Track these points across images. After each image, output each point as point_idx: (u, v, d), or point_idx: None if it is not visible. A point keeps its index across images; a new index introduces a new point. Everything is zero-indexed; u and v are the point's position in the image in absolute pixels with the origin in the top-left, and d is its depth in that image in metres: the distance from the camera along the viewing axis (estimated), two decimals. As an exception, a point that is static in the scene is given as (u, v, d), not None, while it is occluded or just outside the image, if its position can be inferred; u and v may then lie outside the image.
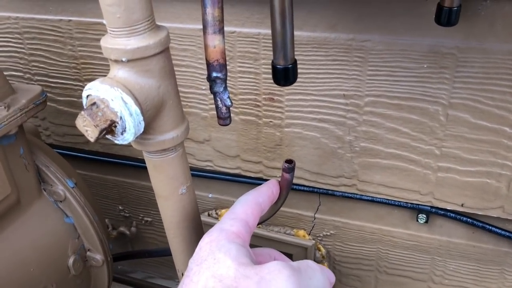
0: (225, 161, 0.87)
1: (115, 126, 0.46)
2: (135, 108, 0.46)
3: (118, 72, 0.47)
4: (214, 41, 0.51)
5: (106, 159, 0.98)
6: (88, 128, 0.46)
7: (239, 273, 0.43)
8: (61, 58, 0.88)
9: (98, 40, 0.83)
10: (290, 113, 0.78)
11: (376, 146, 0.75)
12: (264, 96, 0.78)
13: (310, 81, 0.73)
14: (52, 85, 0.92)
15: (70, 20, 0.83)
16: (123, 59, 0.46)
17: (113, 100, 0.45)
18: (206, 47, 0.52)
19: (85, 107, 0.47)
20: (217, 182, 0.92)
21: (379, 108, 0.72)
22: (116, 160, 0.97)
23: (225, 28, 0.53)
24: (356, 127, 0.74)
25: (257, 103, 0.78)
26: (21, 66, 0.92)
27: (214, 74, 0.53)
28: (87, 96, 0.47)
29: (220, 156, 0.87)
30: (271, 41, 0.53)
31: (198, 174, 0.91)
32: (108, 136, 0.48)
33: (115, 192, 1.05)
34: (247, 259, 0.45)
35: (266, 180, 0.86)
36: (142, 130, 0.48)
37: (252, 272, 0.43)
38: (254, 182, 0.86)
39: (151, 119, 0.49)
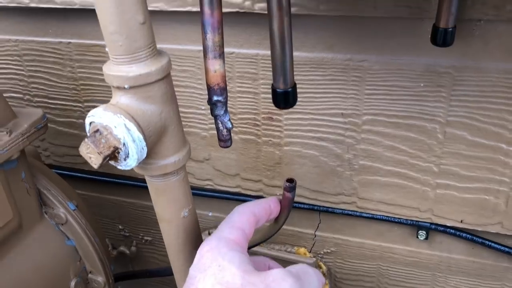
0: (225, 179, 0.88)
1: (118, 153, 0.47)
2: (138, 135, 0.46)
3: (120, 98, 0.48)
4: (215, 65, 0.52)
5: (106, 179, 0.98)
6: (91, 155, 0.46)
7: (245, 280, 0.44)
8: (60, 80, 0.88)
9: (98, 61, 0.84)
10: (289, 132, 0.78)
11: (375, 163, 0.75)
12: (263, 116, 0.78)
13: (309, 100, 0.74)
14: (52, 106, 0.92)
15: (69, 43, 0.84)
16: (126, 86, 0.47)
17: (116, 127, 0.46)
18: (206, 71, 0.52)
19: (88, 134, 0.48)
20: (217, 201, 0.92)
21: (377, 126, 0.72)
22: (116, 180, 0.97)
23: (224, 49, 0.53)
24: (355, 145, 0.75)
25: (256, 122, 0.79)
26: (20, 87, 0.92)
27: (215, 98, 0.54)
28: (90, 123, 0.48)
29: (220, 175, 0.87)
30: (269, 61, 0.54)
31: (198, 193, 0.91)
32: (111, 162, 0.48)
33: (115, 211, 1.05)
34: (250, 266, 0.46)
35: (266, 198, 0.86)
36: (145, 155, 0.49)
37: (257, 279, 0.44)
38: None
39: (153, 144, 0.50)
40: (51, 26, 0.84)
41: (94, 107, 0.91)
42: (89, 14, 0.78)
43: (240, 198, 0.89)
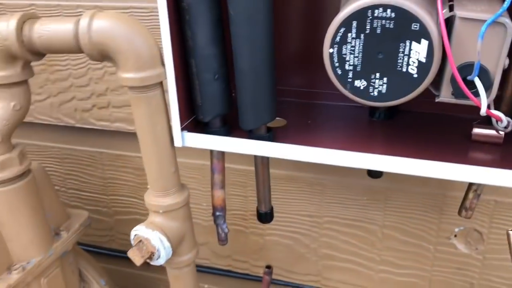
0: (220, 259, 1.11)
1: (153, 255, 0.71)
2: (167, 244, 0.71)
3: (156, 218, 0.72)
4: (218, 193, 0.77)
5: (124, 255, 1.21)
6: (136, 257, 0.70)
7: None
8: (91, 178, 1.13)
9: (124, 167, 1.10)
10: (270, 225, 1.03)
11: (334, 252, 1.00)
12: (250, 213, 1.03)
13: (284, 204, 0.99)
14: (82, 197, 1.16)
15: (102, 152, 1.09)
16: (160, 211, 0.71)
17: (153, 239, 0.70)
18: (213, 196, 0.77)
19: (132, 242, 0.72)
20: (213, 276, 1.15)
21: (334, 225, 0.97)
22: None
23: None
24: (319, 238, 1.00)
25: (245, 218, 1.04)
26: (58, 181, 1.17)
27: (217, 213, 0.79)
28: (135, 235, 0.72)
29: (215, 255, 1.11)
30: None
31: (197, 269, 1.13)
32: (147, 260, 0.72)
33: (132, 282, 1.27)
34: None
35: (252, 275, 1.10)
36: (170, 256, 0.73)
37: None
38: (243, 277, 1.10)
39: (175, 247, 0.74)
40: (89, 139, 1.09)
41: (118, 200, 1.16)
42: (121, 134, 1.04)
43: (231, 274, 1.12)
